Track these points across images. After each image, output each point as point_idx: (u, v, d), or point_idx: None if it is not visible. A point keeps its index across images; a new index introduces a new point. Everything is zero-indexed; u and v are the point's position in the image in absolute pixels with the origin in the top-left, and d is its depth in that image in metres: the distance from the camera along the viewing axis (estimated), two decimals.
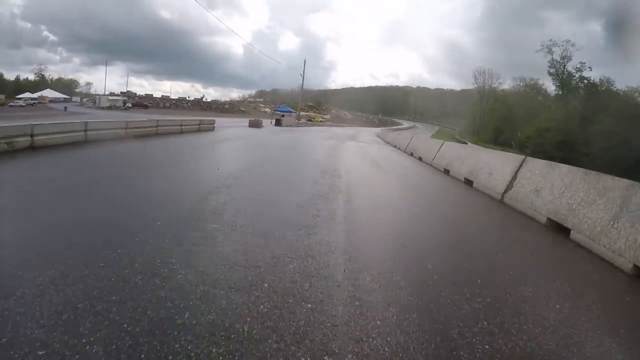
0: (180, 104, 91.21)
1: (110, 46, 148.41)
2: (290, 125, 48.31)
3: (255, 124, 34.22)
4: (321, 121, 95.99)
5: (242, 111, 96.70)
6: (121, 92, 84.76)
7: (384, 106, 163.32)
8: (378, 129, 71.42)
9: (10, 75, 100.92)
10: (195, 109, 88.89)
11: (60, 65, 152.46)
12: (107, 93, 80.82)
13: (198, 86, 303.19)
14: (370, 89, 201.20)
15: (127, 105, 67.21)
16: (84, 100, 77.42)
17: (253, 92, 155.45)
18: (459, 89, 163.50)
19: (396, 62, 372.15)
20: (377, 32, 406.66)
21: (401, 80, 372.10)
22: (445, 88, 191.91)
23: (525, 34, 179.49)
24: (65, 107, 52.85)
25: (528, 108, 76.57)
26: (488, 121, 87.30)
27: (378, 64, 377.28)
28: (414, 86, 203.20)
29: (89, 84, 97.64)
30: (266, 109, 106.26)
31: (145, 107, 74.48)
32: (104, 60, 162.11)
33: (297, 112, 62.58)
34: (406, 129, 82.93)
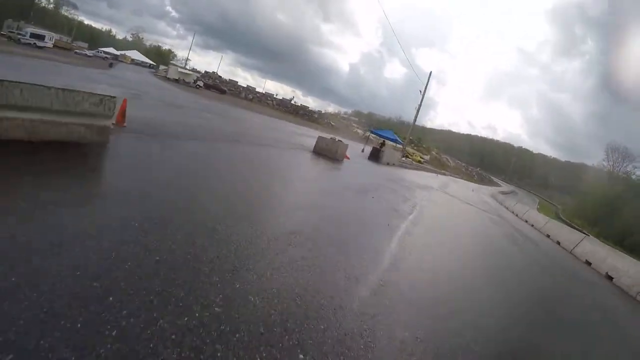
0: (264, 100, 78.69)
1: (224, 34, 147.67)
2: (393, 164, 30.50)
3: (327, 149, 16.82)
4: (420, 161, 76.84)
5: (332, 125, 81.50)
6: (205, 72, 74.03)
7: (481, 159, 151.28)
8: (490, 189, 60.06)
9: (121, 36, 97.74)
10: (280, 109, 75.87)
11: (175, 41, 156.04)
12: (188, 68, 70.46)
13: (298, 92, 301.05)
14: (467, 137, 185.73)
15: (197, 83, 55.00)
16: (161, 68, 68.08)
17: (349, 110, 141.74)
18: (563, 160, 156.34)
19: (495, 115, 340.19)
20: (482, 80, 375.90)
21: (498, 135, 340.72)
22: (548, 155, 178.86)
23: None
24: (111, 64, 41.54)
25: None
26: (615, 214, 63.34)
27: (477, 112, 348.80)
28: (515, 145, 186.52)
29: (187, 59, 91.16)
30: (358, 130, 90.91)
31: (222, 92, 62.22)
32: (218, 45, 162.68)
33: (404, 145, 44.35)
34: (508, 193, 73.48)
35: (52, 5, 75.42)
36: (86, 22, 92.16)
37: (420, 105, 45.28)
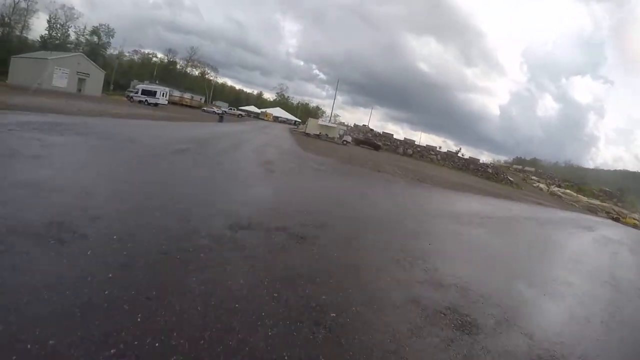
0: (427, 154, 59.89)
1: (371, 90, 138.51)
2: None
3: None
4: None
5: (511, 182, 57.67)
6: (354, 125, 59.34)
7: None
8: None
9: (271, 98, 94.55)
10: (446, 165, 56.40)
11: (325, 100, 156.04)
12: (333, 122, 56.63)
13: (450, 142, 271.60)
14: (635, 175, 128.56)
15: (344, 139, 39.47)
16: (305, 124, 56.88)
17: (506, 158, 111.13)
18: None
19: None
20: None
21: None
22: None
23: None
24: (221, 118, 29.12)
25: None
26: None
27: None
28: None
29: (337, 115, 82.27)
30: (540, 185, 64.21)
31: (376, 147, 46.06)
32: (366, 102, 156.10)
33: None
34: None
35: (189, 69, 73.86)
36: (238, 87, 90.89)
37: None
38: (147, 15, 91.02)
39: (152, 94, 35.04)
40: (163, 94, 35.90)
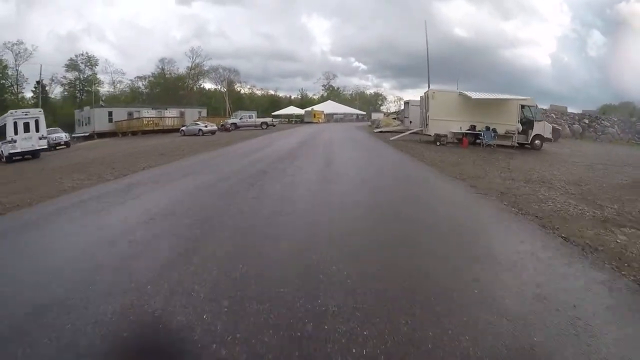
0: (600, 129, 33.45)
1: (414, 70, 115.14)
2: None
3: None
4: None
5: None
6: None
7: None
8: None
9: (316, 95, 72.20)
10: (632, 141, 29.87)
11: (373, 90, 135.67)
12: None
13: None
14: None
15: (536, 134, 14.36)
16: (375, 117, 34.98)
17: (574, 110, 74.00)
18: None
19: None
20: None
21: None
22: None
23: None
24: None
25: None
26: None
27: None
28: None
29: (399, 98, 62.29)
30: None
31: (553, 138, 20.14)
32: (412, 83, 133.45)
33: None
34: None
35: (200, 80, 58.29)
36: (281, 94, 69.91)
37: None
38: (179, 51, 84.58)
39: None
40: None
